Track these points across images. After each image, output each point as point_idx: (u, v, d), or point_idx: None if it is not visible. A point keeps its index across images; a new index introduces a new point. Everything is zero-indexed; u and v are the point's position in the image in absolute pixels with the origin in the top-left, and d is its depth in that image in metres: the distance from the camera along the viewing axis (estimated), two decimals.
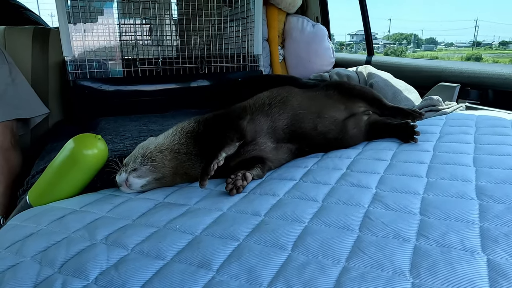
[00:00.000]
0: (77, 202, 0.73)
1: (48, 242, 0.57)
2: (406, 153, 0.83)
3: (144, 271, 0.48)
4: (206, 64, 1.62)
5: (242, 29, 1.67)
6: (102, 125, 1.26)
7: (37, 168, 1.02)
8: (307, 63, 2.02)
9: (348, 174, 0.75)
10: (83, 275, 0.48)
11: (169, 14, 1.68)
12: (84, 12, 1.40)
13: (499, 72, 1.34)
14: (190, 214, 0.63)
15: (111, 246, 0.55)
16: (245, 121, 0.82)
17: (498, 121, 1.02)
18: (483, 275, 0.41)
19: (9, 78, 1.22)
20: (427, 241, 0.49)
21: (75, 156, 0.77)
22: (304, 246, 0.50)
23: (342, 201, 0.63)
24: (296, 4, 2.02)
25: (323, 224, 0.56)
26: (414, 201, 0.60)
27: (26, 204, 0.81)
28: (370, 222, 0.55)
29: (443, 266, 0.43)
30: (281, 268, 0.46)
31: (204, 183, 0.71)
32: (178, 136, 0.81)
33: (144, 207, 0.68)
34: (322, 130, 0.88)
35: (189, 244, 0.54)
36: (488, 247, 0.46)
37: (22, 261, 0.53)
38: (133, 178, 0.75)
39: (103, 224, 0.61)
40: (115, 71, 1.48)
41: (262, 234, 0.54)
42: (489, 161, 0.74)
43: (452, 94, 1.46)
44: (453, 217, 0.54)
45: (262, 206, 0.64)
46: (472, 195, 0.61)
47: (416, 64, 1.72)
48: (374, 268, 0.44)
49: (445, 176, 0.69)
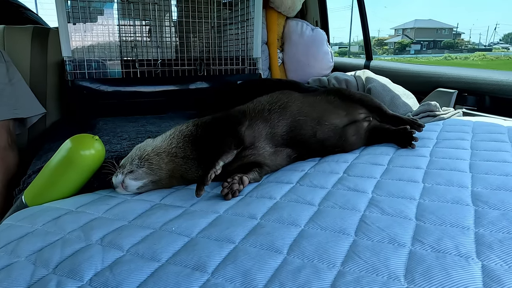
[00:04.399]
0: (73, 203, 0.73)
1: (43, 243, 0.57)
2: (403, 158, 0.84)
3: (139, 273, 0.48)
4: (205, 67, 1.62)
5: (241, 32, 1.67)
6: (99, 125, 1.26)
7: (33, 167, 1.01)
8: (306, 66, 2.02)
9: (344, 178, 0.75)
10: (78, 276, 0.48)
11: (169, 16, 1.69)
12: (84, 13, 1.40)
13: (496, 78, 1.35)
14: (186, 216, 0.63)
15: (107, 247, 0.54)
16: (243, 127, 0.82)
17: (494, 127, 1.03)
18: (477, 281, 0.42)
19: (6, 77, 1.22)
20: (422, 246, 0.49)
21: (72, 156, 0.76)
22: (300, 249, 0.50)
23: (338, 205, 0.63)
24: (295, 8, 2.03)
25: (319, 227, 0.56)
26: (410, 206, 0.60)
27: (21, 204, 0.80)
28: (366, 226, 0.55)
29: (437, 272, 0.43)
30: (276, 272, 0.46)
31: (200, 193, 0.70)
32: (176, 140, 0.81)
33: (140, 208, 0.68)
34: (321, 137, 0.88)
35: (185, 246, 0.54)
36: (482, 253, 0.46)
37: (17, 261, 0.53)
38: (130, 180, 0.75)
39: (98, 225, 0.61)
40: (114, 72, 1.48)
41: (258, 237, 0.54)
42: (485, 168, 0.74)
43: (449, 100, 1.47)
44: (448, 222, 0.54)
45: (259, 209, 0.64)
46: (468, 201, 0.61)
47: (414, 70, 1.73)
48: (369, 273, 0.44)
49: (441, 181, 0.69)
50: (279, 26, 2.04)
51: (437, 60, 8.12)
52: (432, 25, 10.81)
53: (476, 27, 51.56)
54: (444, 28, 12.27)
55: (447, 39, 12.76)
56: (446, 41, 12.29)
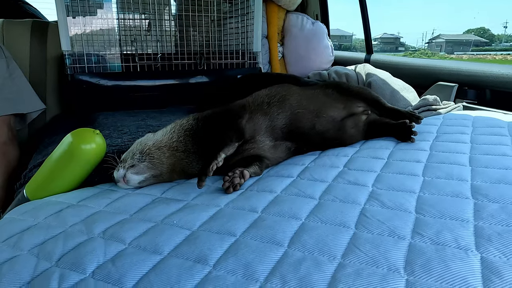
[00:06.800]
0: (75, 197, 0.73)
1: (46, 236, 0.57)
2: (403, 152, 0.84)
3: (141, 266, 0.48)
4: (205, 61, 1.62)
5: (241, 25, 1.67)
6: (100, 120, 1.26)
7: (34, 162, 1.02)
8: (306, 60, 2.02)
9: (345, 172, 0.75)
10: (80, 268, 0.48)
11: (168, 10, 1.68)
12: (83, 6, 1.39)
13: (496, 72, 1.34)
14: (188, 210, 0.63)
15: (109, 240, 0.55)
16: (244, 120, 0.82)
17: (494, 121, 1.03)
18: (477, 273, 0.42)
19: (7, 72, 1.22)
20: (422, 239, 0.49)
21: (73, 150, 0.76)
22: (301, 242, 0.51)
23: (338, 199, 0.63)
24: (295, 1, 2.02)
25: (319, 221, 0.56)
26: (410, 200, 0.61)
27: (23, 198, 0.81)
28: (366, 219, 0.55)
29: (437, 264, 0.44)
30: (277, 264, 0.47)
31: (202, 183, 0.71)
32: (177, 134, 0.81)
33: (141, 202, 0.68)
34: (320, 130, 0.88)
35: (186, 239, 0.54)
36: (481, 246, 0.47)
37: (20, 254, 0.53)
38: (131, 174, 0.75)
39: (100, 219, 0.62)
40: (114, 66, 1.48)
41: (259, 230, 0.55)
42: (484, 161, 0.74)
43: (449, 94, 1.47)
44: (448, 215, 0.55)
45: (259, 203, 0.64)
46: (467, 194, 0.61)
47: (414, 63, 1.73)
48: (369, 265, 0.45)
49: (441, 175, 0.70)
50: (279, 19, 2.03)
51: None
52: (337, 33, 13.50)
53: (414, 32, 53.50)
54: (345, 36, 15.70)
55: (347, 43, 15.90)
56: (345, 45, 15.66)
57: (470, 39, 14.02)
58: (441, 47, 13.53)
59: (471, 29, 15.84)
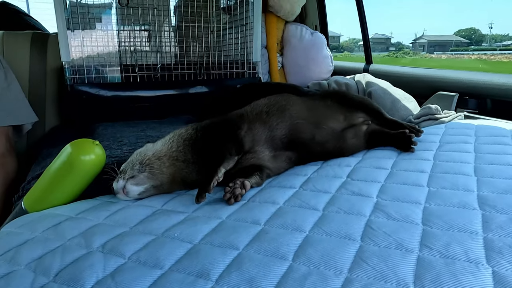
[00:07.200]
0: (74, 209, 0.72)
1: (43, 250, 0.56)
2: (407, 161, 0.83)
3: (142, 281, 0.47)
4: (204, 71, 1.62)
5: (241, 36, 1.67)
6: (99, 130, 1.25)
7: (33, 173, 1.00)
8: (306, 70, 2.02)
9: (348, 182, 0.74)
10: (79, 284, 0.47)
11: (168, 21, 1.68)
12: (83, 18, 1.39)
13: (497, 81, 1.34)
14: (189, 222, 0.62)
15: (108, 255, 0.53)
16: (242, 131, 0.81)
17: (497, 130, 1.02)
18: (489, 287, 0.41)
19: (5, 83, 1.21)
20: (431, 252, 0.48)
21: (72, 161, 0.75)
22: (305, 256, 0.49)
23: (343, 210, 0.62)
24: (294, 12, 2.03)
25: (324, 233, 0.55)
26: (416, 211, 0.59)
27: (21, 210, 0.79)
28: (372, 231, 0.54)
29: (447, 278, 0.42)
30: (282, 279, 0.45)
31: (201, 200, 0.69)
32: (176, 143, 0.80)
33: (141, 214, 0.67)
34: (320, 140, 0.87)
35: (188, 253, 0.53)
36: (492, 259, 0.45)
37: (16, 270, 0.51)
38: (131, 185, 0.74)
39: (99, 232, 0.60)
40: (113, 77, 1.48)
41: (262, 244, 0.53)
42: (490, 171, 0.73)
43: (450, 103, 1.46)
44: (456, 227, 0.53)
45: (262, 215, 0.63)
46: (475, 205, 0.60)
47: (415, 73, 1.73)
48: (378, 280, 0.44)
49: (446, 185, 0.68)
50: (279, 30, 2.04)
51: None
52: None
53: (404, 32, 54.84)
54: (333, 36, 16.63)
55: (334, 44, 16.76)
56: (333, 45, 16.71)
57: (451, 40, 14.25)
58: (424, 47, 13.76)
59: (461, 29, 16.08)
